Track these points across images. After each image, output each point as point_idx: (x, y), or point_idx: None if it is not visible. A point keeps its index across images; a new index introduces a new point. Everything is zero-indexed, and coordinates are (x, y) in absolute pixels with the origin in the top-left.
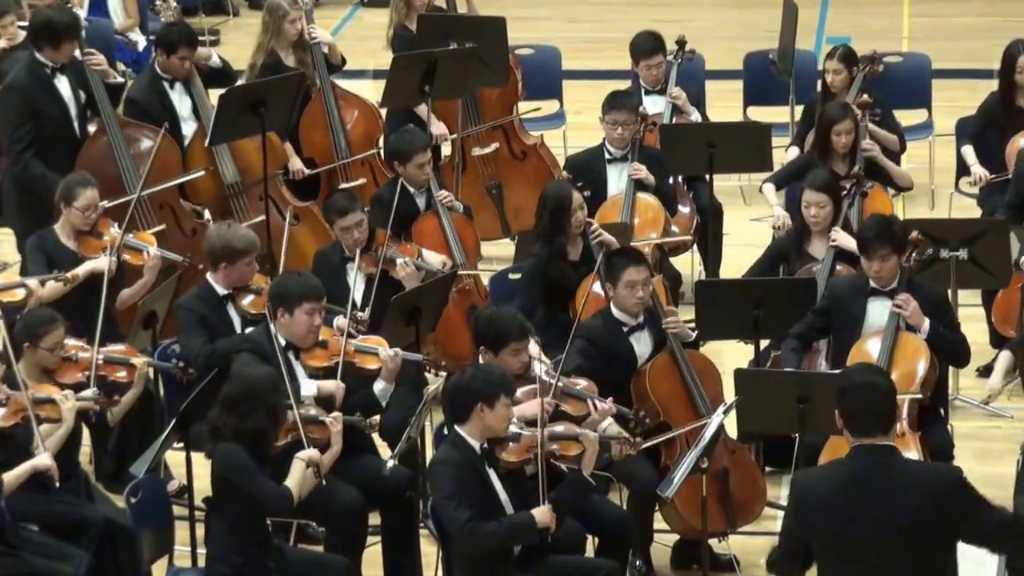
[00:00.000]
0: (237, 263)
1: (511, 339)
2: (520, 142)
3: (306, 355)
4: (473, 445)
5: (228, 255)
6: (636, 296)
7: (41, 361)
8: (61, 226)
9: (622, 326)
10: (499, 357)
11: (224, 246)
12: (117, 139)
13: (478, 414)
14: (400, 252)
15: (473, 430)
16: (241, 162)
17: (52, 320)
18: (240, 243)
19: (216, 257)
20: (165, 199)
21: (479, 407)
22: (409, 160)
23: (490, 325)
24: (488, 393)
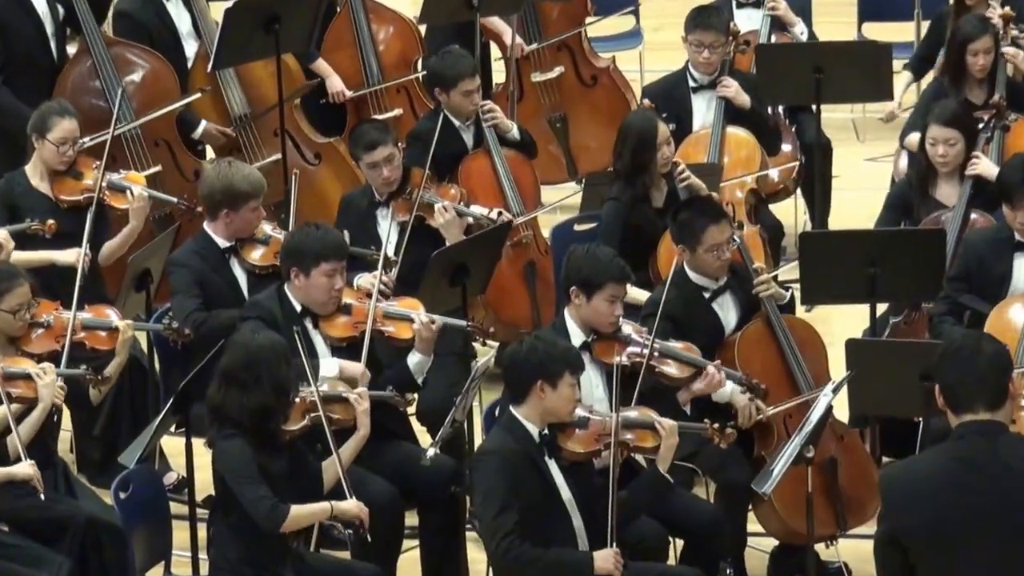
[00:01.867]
0: (241, 209)
1: (610, 279)
2: (589, 65)
3: (326, 323)
4: (531, 431)
5: (230, 199)
6: (721, 259)
7: (4, 326)
8: (33, 165)
9: (702, 291)
10: (592, 304)
11: (225, 188)
12: (103, 62)
13: (537, 394)
14: (440, 195)
15: (531, 413)
16: (251, 90)
17: (12, 276)
18: (244, 184)
19: (216, 202)
20: (160, 134)
21: (538, 386)
22: (454, 87)
23: (587, 263)
24: (550, 369)
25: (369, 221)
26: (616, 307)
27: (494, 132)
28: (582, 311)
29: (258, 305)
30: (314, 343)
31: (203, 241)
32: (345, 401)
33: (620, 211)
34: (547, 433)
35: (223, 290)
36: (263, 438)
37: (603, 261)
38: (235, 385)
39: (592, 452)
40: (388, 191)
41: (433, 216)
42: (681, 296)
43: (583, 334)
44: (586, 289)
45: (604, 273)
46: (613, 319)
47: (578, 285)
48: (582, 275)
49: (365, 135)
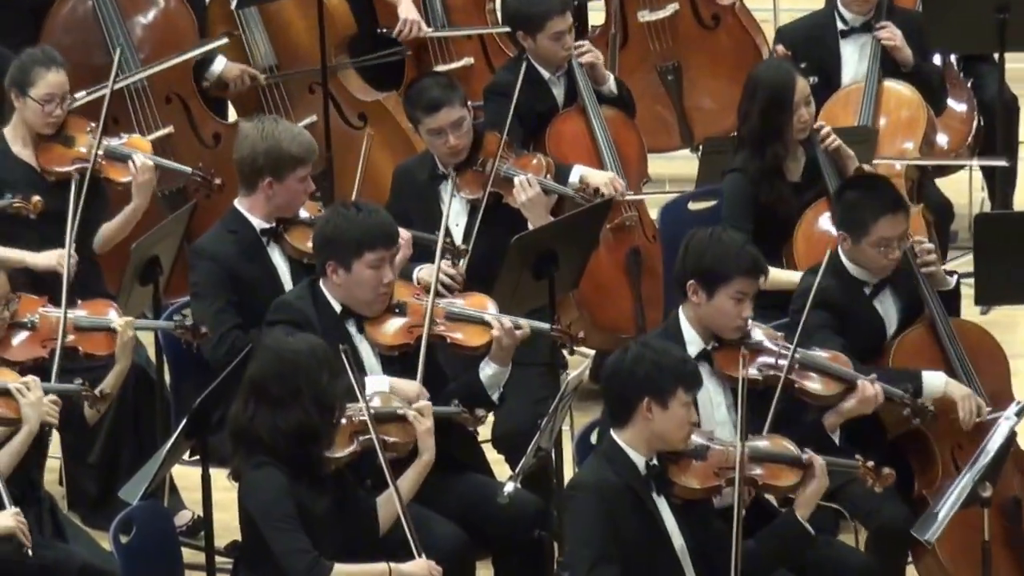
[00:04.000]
0: (287, 178)
1: (739, 272)
2: (710, 2)
3: (373, 327)
4: (635, 461)
5: (275, 164)
6: (888, 257)
7: None
8: (13, 127)
9: (862, 286)
10: (714, 302)
11: (270, 150)
12: None
13: (643, 415)
14: (520, 166)
15: (636, 439)
16: (281, 36)
17: None
18: (293, 146)
19: (257, 168)
20: (173, 87)
21: (645, 405)
22: (540, 29)
23: (710, 250)
24: (659, 384)
25: (430, 199)
26: (744, 307)
27: (590, 84)
28: (702, 311)
29: (287, 306)
30: (359, 352)
31: (235, 221)
32: (402, 420)
33: (746, 186)
34: (656, 464)
35: (260, 284)
36: (302, 468)
37: (731, 249)
38: (267, 401)
39: (711, 489)
40: (455, 161)
41: (512, 192)
42: (840, 286)
43: (702, 340)
44: (708, 284)
45: (732, 264)
46: (740, 322)
47: (698, 278)
48: (703, 266)
49: (425, 93)
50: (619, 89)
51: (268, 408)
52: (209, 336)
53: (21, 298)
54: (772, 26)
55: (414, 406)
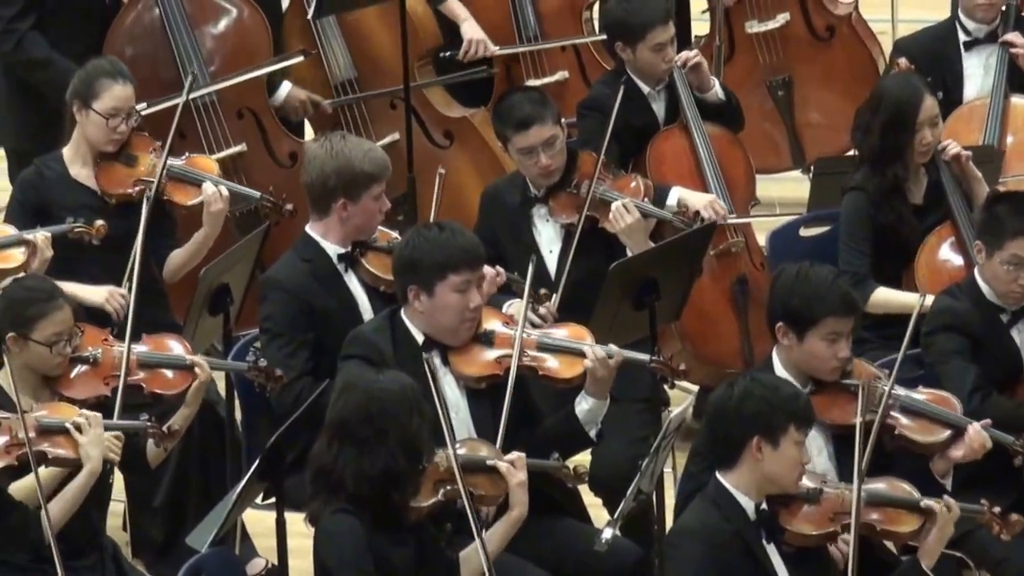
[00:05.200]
0: (361, 197)
1: (828, 312)
2: (823, 11)
3: (459, 357)
4: (744, 505)
5: (347, 184)
6: (1019, 281)
7: (36, 362)
8: (73, 146)
9: (1000, 313)
10: (805, 345)
11: (341, 169)
12: (169, 3)
13: (753, 455)
14: (618, 189)
15: (745, 481)
16: (361, 48)
17: (50, 296)
18: (365, 164)
19: (328, 190)
20: (246, 102)
21: (755, 444)
22: (640, 39)
23: (797, 289)
24: (771, 421)
25: (521, 223)
26: (839, 347)
27: (693, 99)
28: (794, 354)
29: (361, 339)
30: (442, 385)
31: (309, 249)
32: (493, 471)
33: (865, 205)
34: (765, 508)
35: (337, 315)
36: (385, 517)
37: (819, 287)
38: (352, 443)
39: (826, 536)
40: (548, 183)
41: (608, 217)
42: (976, 311)
43: (798, 384)
44: (797, 326)
45: (820, 304)
46: (837, 363)
47: (786, 320)
48: (791, 307)
49: (516, 110)
50: (727, 95)
51: (353, 450)
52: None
53: (85, 331)
54: (889, 37)
55: (507, 457)
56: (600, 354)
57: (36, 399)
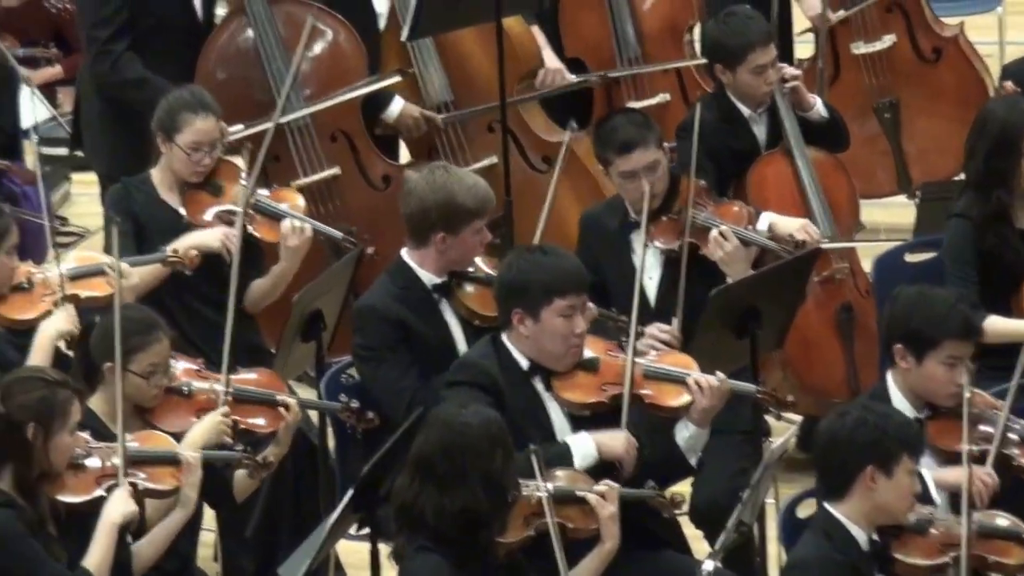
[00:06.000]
0: (462, 231)
1: (948, 335)
2: (930, 33)
3: (562, 383)
4: (856, 537)
5: (449, 218)
6: None
7: (131, 392)
8: (161, 170)
9: None
10: (924, 368)
11: (444, 203)
12: (263, 25)
13: (866, 485)
14: (719, 215)
15: (857, 511)
16: (458, 70)
17: (150, 326)
18: (468, 198)
19: (430, 223)
20: (340, 125)
21: (868, 474)
22: (740, 62)
23: (917, 311)
24: (884, 450)
25: (621, 248)
26: (958, 372)
27: (796, 123)
28: (911, 378)
29: (471, 366)
30: (548, 411)
31: (403, 276)
32: (583, 503)
33: (970, 231)
34: (878, 540)
35: (431, 345)
36: (469, 554)
37: (940, 309)
38: (432, 479)
39: (937, 567)
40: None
41: (708, 244)
42: None
43: (913, 408)
44: (916, 348)
45: (941, 326)
46: (955, 388)
47: (905, 343)
48: (910, 329)
49: (617, 132)
50: (830, 113)
51: (434, 487)
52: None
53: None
54: (997, 60)
55: (597, 488)
56: (705, 383)
57: (128, 429)
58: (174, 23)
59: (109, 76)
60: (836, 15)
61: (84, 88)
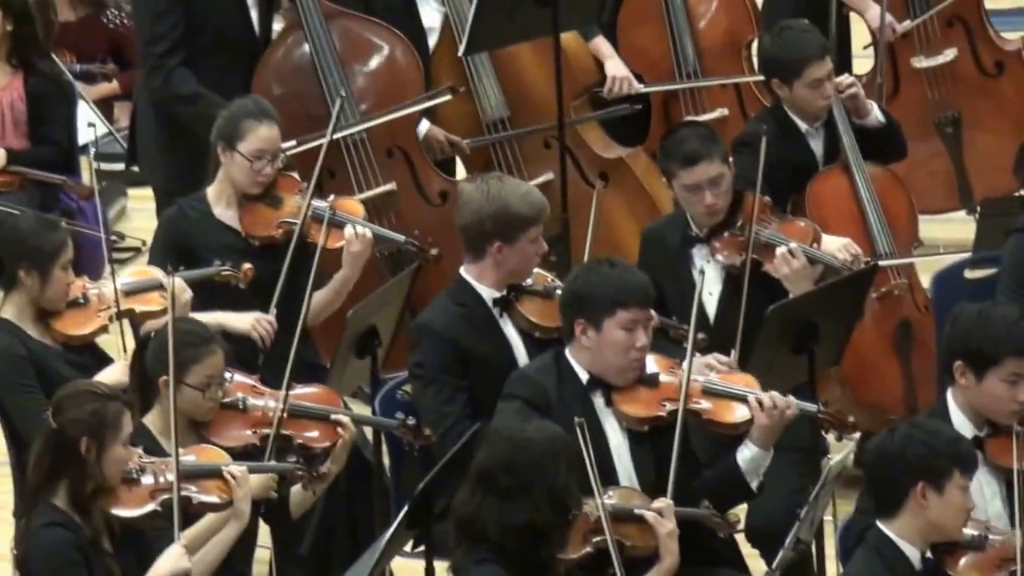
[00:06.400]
0: (517, 240)
1: (1010, 352)
2: (991, 47)
3: (622, 397)
4: (909, 555)
5: (504, 227)
6: None
7: (187, 406)
8: (218, 186)
9: None
10: (984, 385)
11: (498, 212)
12: (320, 41)
13: (916, 502)
14: (783, 232)
15: (908, 528)
16: (514, 86)
17: (205, 339)
18: (522, 206)
19: (484, 233)
20: (396, 140)
21: (918, 491)
22: (797, 76)
23: (977, 328)
24: (933, 467)
25: (681, 264)
26: (1019, 389)
27: (854, 138)
28: (971, 395)
29: (523, 380)
30: (604, 427)
31: (463, 292)
32: (641, 520)
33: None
34: (931, 557)
35: (493, 362)
36: (531, 569)
37: (1001, 326)
38: (495, 493)
39: None
40: (711, 222)
41: (772, 260)
42: None
43: (973, 426)
44: (976, 366)
45: (1002, 343)
46: (1017, 406)
47: (965, 359)
48: (970, 346)
49: (683, 144)
50: (887, 120)
51: (496, 500)
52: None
53: (234, 377)
54: None
55: (654, 505)
56: (767, 402)
57: (183, 444)
58: (232, 39)
59: (162, 91)
60: (901, 26)
61: (141, 104)
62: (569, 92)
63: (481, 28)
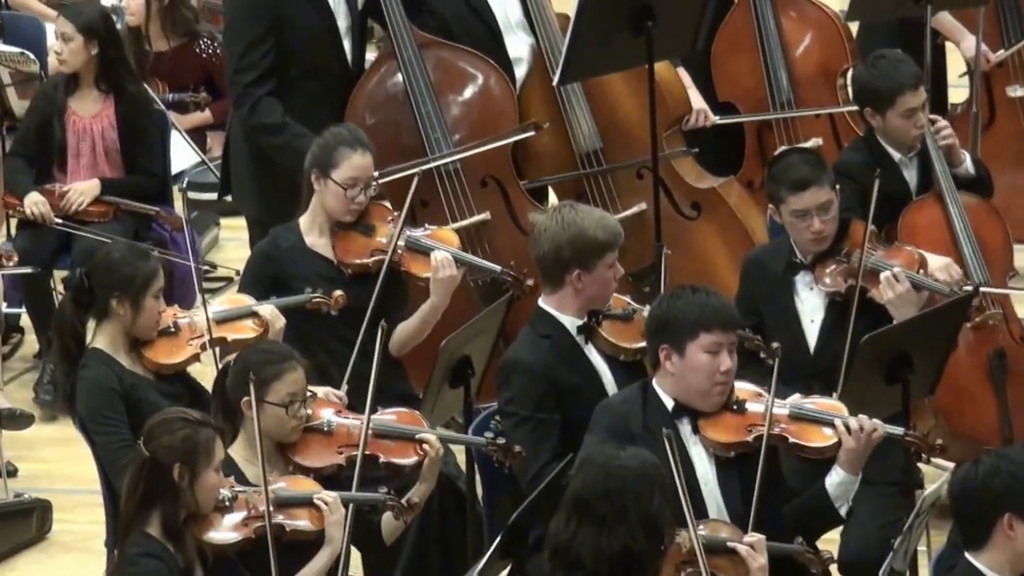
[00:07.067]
0: (595, 267)
1: None
2: None
3: (708, 424)
4: None
5: (581, 254)
6: None
7: (271, 426)
8: (310, 215)
9: None
10: None
11: (575, 239)
12: (414, 70)
13: (1004, 534)
14: (889, 258)
15: (998, 560)
16: (607, 116)
17: (285, 356)
18: (598, 231)
19: (562, 262)
20: (491, 170)
21: (1005, 522)
22: (890, 105)
23: None
24: (1019, 499)
25: (783, 291)
26: None
27: (948, 167)
28: None
29: (607, 410)
30: (691, 455)
31: (546, 324)
32: (732, 553)
33: None
34: None
35: (582, 391)
36: None
37: None
38: (591, 519)
39: None
40: (817, 249)
41: (877, 287)
42: None
43: None
44: None
45: None
46: None
47: None
48: None
49: (792, 170)
50: (977, 170)
51: (591, 527)
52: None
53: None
54: None
55: (747, 539)
56: (854, 425)
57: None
58: (325, 68)
59: (248, 119)
60: (996, 55)
61: (233, 133)
62: (662, 122)
63: (576, 57)
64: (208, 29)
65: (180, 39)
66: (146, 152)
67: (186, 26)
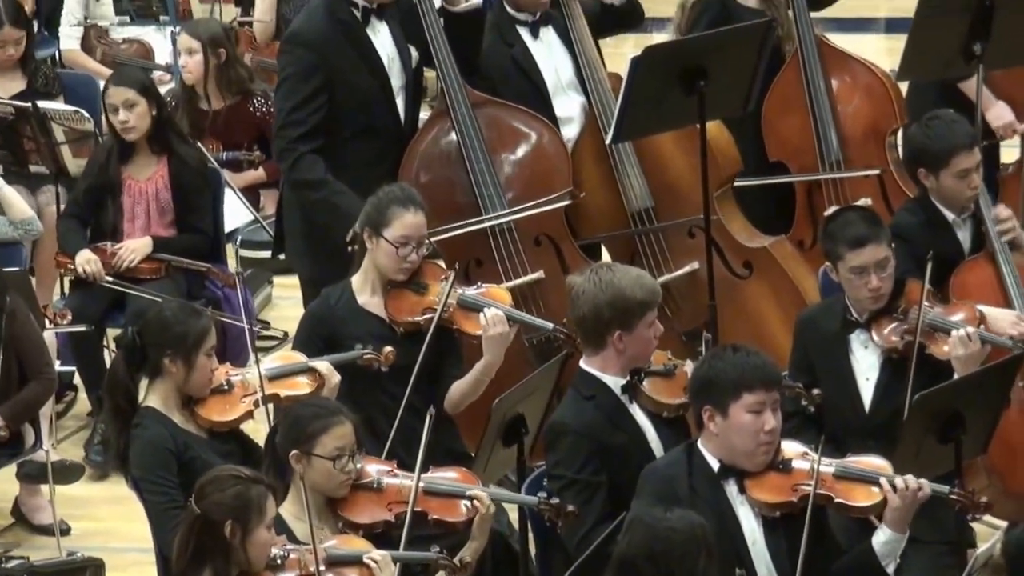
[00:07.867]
0: (636, 327)
1: None
2: None
3: (754, 484)
4: None
5: (622, 314)
6: None
7: (320, 480)
8: (363, 273)
9: None
10: None
11: (614, 300)
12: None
13: None
14: (951, 314)
15: None
16: (658, 175)
17: (333, 411)
18: (637, 291)
19: (603, 322)
20: (544, 228)
21: None
22: (944, 166)
23: None
24: None
25: (838, 350)
26: None
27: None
28: None
29: (652, 474)
30: (738, 516)
31: (589, 385)
32: None
33: None
34: None
35: (628, 451)
36: None
37: None
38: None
39: None
40: (874, 307)
41: (936, 343)
42: None
43: None
44: None
45: None
46: None
47: None
48: None
49: (850, 227)
50: None
51: None
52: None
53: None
54: None
55: None
56: (900, 483)
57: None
58: (378, 127)
59: (289, 174)
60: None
61: (287, 191)
62: (713, 182)
63: (629, 116)
64: (262, 88)
65: (234, 98)
66: (198, 211)
67: (240, 85)
